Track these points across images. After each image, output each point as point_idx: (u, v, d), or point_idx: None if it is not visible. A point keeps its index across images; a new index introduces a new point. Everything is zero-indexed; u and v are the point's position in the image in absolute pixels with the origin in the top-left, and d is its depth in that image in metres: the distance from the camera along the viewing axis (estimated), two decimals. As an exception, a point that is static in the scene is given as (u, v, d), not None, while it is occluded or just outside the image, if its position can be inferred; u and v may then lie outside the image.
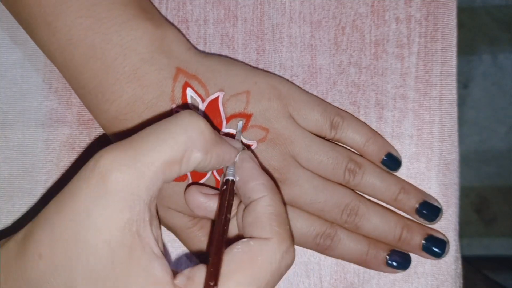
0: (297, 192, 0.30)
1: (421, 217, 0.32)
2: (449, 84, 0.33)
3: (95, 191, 0.21)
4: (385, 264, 0.31)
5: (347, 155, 0.31)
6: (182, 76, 0.29)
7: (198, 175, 0.29)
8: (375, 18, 0.33)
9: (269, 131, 0.29)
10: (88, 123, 0.34)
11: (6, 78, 0.34)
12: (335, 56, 0.33)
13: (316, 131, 0.31)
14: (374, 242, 0.31)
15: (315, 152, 0.30)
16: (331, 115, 0.31)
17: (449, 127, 0.33)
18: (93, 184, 0.21)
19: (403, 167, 0.33)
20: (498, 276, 0.76)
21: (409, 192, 0.31)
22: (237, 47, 0.33)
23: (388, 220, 0.31)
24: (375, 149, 0.31)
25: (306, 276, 0.33)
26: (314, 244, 0.31)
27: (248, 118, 0.29)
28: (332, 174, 0.30)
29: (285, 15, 0.33)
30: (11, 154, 0.34)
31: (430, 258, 0.32)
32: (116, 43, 0.28)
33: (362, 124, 0.32)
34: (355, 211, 0.30)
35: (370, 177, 0.31)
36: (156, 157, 0.22)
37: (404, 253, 0.32)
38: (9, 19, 0.33)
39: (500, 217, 0.91)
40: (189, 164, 0.23)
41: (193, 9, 0.33)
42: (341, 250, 0.31)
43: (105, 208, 0.21)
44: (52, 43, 0.28)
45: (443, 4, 0.33)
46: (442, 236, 0.32)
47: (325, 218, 0.31)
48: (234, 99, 0.29)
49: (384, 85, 0.33)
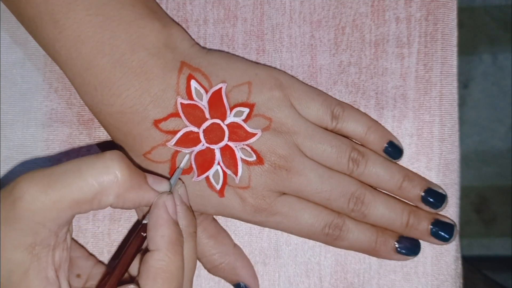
0: (303, 182, 0.30)
1: (427, 204, 0.31)
2: (450, 84, 0.33)
3: (6, 212, 0.24)
4: (394, 251, 0.31)
5: (350, 144, 0.31)
6: (186, 69, 0.29)
7: (204, 166, 0.29)
8: (375, 18, 0.33)
9: (272, 120, 0.30)
10: (88, 123, 0.34)
11: (6, 78, 0.34)
12: (335, 56, 0.33)
13: (318, 122, 0.31)
14: (382, 230, 0.31)
15: (319, 141, 0.30)
16: (331, 105, 0.31)
17: (450, 127, 0.33)
18: (6, 205, 0.24)
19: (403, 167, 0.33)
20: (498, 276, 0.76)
21: (413, 179, 0.31)
22: (237, 47, 0.33)
23: (395, 207, 0.31)
24: (377, 137, 0.31)
25: (306, 276, 0.33)
26: (323, 234, 0.31)
27: (251, 108, 0.30)
28: (336, 163, 0.31)
29: (285, 15, 0.33)
30: (11, 154, 0.34)
31: (438, 243, 0.32)
32: (124, 40, 0.28)
33: (362, 114, 0.32)
34: (361, 199, 0.30)
35: (373, 166, 0.31)
36: (66, 195, 0.24)
37: (413, 239, 0.32)
38: (9, 19, 0.33)
39: (500, 217, 0.91)
40: (100, 204, 0.25)
41: (193, 9, 0.33)
42: (351, 240, 0.31)
43: (12, 229, 0.24)
44: (57, 40, 0.28)
45: (443, 4, 0.33)
46: (449, 220, 0.32)
47: (331, 207, 0.31)
48: (236, 90, 0.30)
49: (384, 85, 0.33)
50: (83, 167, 0.24)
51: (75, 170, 0.24)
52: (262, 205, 0.30)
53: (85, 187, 0.24)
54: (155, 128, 0.29)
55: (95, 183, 0.24)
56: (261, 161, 0.29)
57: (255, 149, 0.29)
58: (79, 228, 0.34)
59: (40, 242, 0.24)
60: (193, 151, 0.30)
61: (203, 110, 0.29)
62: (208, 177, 0.30)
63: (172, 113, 0.29)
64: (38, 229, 0.24)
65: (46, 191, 0.24)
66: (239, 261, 0.32)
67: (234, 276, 0.32)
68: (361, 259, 0.33)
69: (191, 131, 0.29)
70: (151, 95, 0.29)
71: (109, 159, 0.25)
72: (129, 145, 0.30)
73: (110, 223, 0.34)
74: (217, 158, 0.30)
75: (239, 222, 0.33)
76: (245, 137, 0.30)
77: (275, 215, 0.30)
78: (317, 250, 0.33)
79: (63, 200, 0.24)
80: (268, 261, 0.33)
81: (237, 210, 0.30)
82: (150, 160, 0.29)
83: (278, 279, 0.33)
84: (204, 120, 0.29)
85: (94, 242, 0.34)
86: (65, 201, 0.24)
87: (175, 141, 0.29)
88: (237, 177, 0.29)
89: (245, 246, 0.33)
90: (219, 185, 0.30)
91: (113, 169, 0.25)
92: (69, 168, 0.24)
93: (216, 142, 0.29)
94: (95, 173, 0.24)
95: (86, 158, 0.25)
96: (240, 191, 0.30)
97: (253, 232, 0.33)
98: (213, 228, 0.32)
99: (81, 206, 0.24)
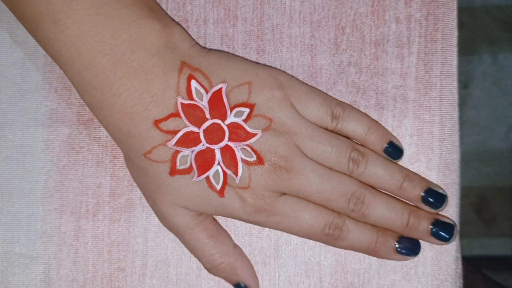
0: (304, 182, 0.30)
1: (427, 204, 0.31)
2: (450, 84, 0.33)
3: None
4: (395, 252, 0.31)
5: (350, 144, 0.31)
6: (186, 69, 0.29)
7: (204, 166, 0.30)
8: (375, 18, 0.33)
9: (273, 120, 0.30)
10: (88, 123, 0.34)
11: (6, 78, 0.34)
12: (335, 56, 0.33)
13: (318, 122, 0.31)
14: (382, 230, 0.31)
15: (319, 141, 0.30)
16: (332, 105, 0.31)
17: (450, 127, 0.33)
18: None
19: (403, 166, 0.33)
20: (498, 276, 0.76)
21: (414, 180, 0.31)
22: (237, 47, 0.33)
23: (395, 207, 0.31)
24: (377, 138, 0.31)
25: (306, 276, 0.33)
26: (323, 234, 0.31)
27: (252, 108, 0.30)
28: (336, 163, 0.31)
29: (285, 15, 0.33)
30: (11, 154, 0.34)
31: (439, 244, 0.32)
32: (125, 40, 0.28)
33: (362, 114, 0.32)
34: (362, 200, 0.31)
35: (373, 166, 0.31)
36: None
37: (413, 239, 0.32)
38: (9, 19, 0.33)
39: (500, 217, 0.91)
40: None
41: (193, 9, 0.33)
42: (351, 240, 0.31)
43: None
44: (58, 40, 0.28)
45: (443, 4, 0.33)
46: (450, 220, 0.32)
47: (331, 208, 0.31)
48: (236, 90, 0.30)
49: (384, 85, 0.33)
50: None
51: None
52: (262, 205, 0.30)
53: None
54: (155, 128, 0.29)
55: None
56: (261, 161, 0.29)
57: (255, 149, 0.30)
58: (79, 228, 0.34)
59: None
60: (193, 151, 0.30)
61: (203, 110, 0.29)
62: (208, 177, 0.30)
63: (173, 113, 0.29)
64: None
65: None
66: (239, 261, 0.32)
67: (234, 276, 0.32)
68: (361, 259, 0.33)
69: (191, 131, 0.29)
70: (151, 95, 0.29)
71: None
72: (129, 144, 0.30)
73: (110, 223, 0.34)
74: (217, 158, 0.30)
75: (239, 222, 0.33)
76: (245, 137, 0.30)
77: (275, 215, 0.30)
78: (317, 250, 0.33)
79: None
80: (268, 261, 0.33)
81: (237, 210, 0.30)
82: (150, 160, 0.29)
83: (278, 279, 0.33)
84: (204, 120, 0.29)
85: (94, 242, 0.34)
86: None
87: (176, 141, 0.29)
88: (237, 177, 0.29)
89: (245, 246, 0.33)
90: (219, 185, 0.30)
91: None
92: None
93: (216, 142, 0.29)
94: None
95: None
96: (240, 191, 0.30)
97: (253, 232, 0.33)
98: (213, 228, 0.32)
99: None
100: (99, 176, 0.34)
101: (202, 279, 0.33)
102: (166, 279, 0.33)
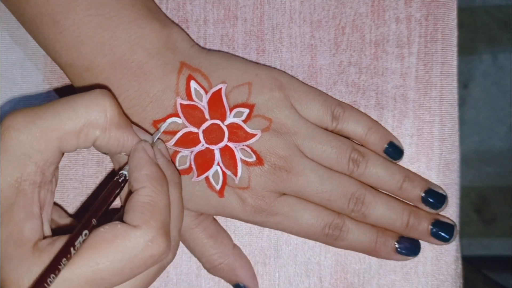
0: (303, 182, 0.30)
1: (427, 205, 0.31)
2: (450, 84, 0.33)
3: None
4: (394, 252, 0.31)
5: (350, 145, 0.31)
6: (186, 69, 0.29)
7: (204, 166, 0.29)
8: (375, 18, 0.33)
9: (272, 120, 0.30)
10: (88, 123, 0.34)
11: (6, 78, 0.34)
12: (335, 56, 0.33)
13: (318, 122, 0.31)
14: (382, 230, 0.31)
15: (319, 142, 0.30)
16: (332, 105, 0.31)
17: (450, 127, 0.33)
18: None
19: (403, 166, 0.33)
20: (498, 276, 0.76)
21: (414, 180, 0.31)
22: (237, 47, 0.33)
23: (395, 207, 0.31)
24: (377, 138, 0.31)
25: (306, 276, 0.33)
26: (323, 235, 0.31)
27: (251, 108, 0.30)
28: (336, 164, 0.31)
29: (285, 15, 0.33)
30: (11, 154, 0.34)
31: (439, 244, 0.32)
32: (124, 40, 0.28)
33: (362, 114, 0.32)
34: (362, 200, 0.30)
35: (373, 167, 0.31)
36: (53, 124, 0.24)
37: (413, 239, 0.32)
38: (9, 19, 0.33)
39: (500, 217, 0.91)
40: (87, 139, 0.25)
41: (193, 9, 0.33)
42: (351, 240, 0.31)
43: (1, 162, 0.24)
44: (58, 41, 0.28)
45: (443, 4, 0.33)
46: (449, 221, 0.32)
47: (331, 208, 0.31)
48: (236, 90, 0.30)
49: (384, 85, 0.33)
50: (73, 100, 0.25)
51: (64, 103, 0.25)
52: (262, 206, 0.30)
53: (74, 117, 0.24)
54: (154, 129, 0.29)
55: (84, 113, 0.25)
56: (261, 162, 0.29)
57: (255, 149, 0.29)
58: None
59: (27, 177, 0.24)
60: (193, 152, 0.30)
61: (202, 110, 0.29)
62: (207, 178, 0.30)
63: (172, 114, 0.29)
64: (25, 162, 0.24)
65: (34, 121, 0.24)
66: (238, 261, 0.32)
67: (233, 276, 0.32)
68: (361, 259, 0.33)
69: (191, 131, 0.29)
70: (150, 96, 0.29)
71: (100, 94, 0.25)
72: None
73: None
74: (217, 159, 0.30)
75: (239, 222, 0.33)
76: (244, 138, 0.30)
77: (275, 216, 0.30)
78: (317, 250, 0.33)
79: (51, 129, 0.24)
80: (268, 261, 0.33)
81: (237, 211, 0.30)
82: None
83: (278, 279, 0.33)
84: (203, 120, 0.29)
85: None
86: (52, 130, 0.24)
87: (175, 142, 0.29)
88: (236, 177, 0.29)
89: (245, 246, 0.33)
90: (218, 186, 0.30)
91: (103, 103, 0.25)
92: (59, 102, 0.25)
93: (216, 142, 0.29)
94: (85, 104, 0.25)
95: (75, 95, 0.25)
96: (240, 191, 0.30)
97: (253, 232, 0.33)
98: (213, 228, 0.32)
99: (67, 139, 0.24)
100: (99, 176, 0.34)
101: (202, 279, 0.33)
102: (166, 279, 0.33)
